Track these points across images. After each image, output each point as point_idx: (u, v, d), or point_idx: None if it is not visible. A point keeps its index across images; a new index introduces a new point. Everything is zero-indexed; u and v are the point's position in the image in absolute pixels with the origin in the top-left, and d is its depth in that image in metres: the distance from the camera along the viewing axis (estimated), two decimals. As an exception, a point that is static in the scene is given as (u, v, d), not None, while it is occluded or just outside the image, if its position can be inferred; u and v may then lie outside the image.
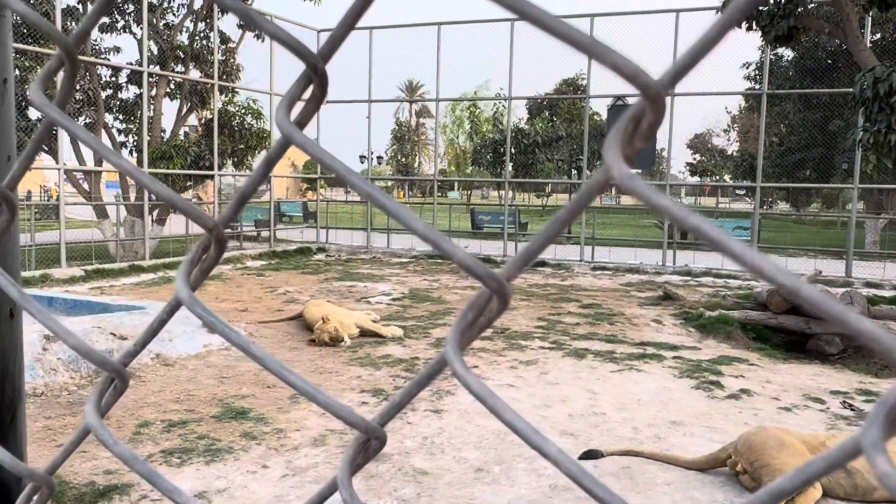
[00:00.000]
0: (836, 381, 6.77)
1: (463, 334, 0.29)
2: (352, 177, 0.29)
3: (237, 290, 11.71)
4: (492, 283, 0.27)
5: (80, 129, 0.38)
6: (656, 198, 0.21)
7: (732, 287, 12.96)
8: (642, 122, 0.23)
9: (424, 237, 0.28)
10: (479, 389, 0.27)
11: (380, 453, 2.04)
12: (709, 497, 4.18)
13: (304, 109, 0.32)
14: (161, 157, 15.47)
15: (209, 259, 0.35)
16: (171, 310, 0.37)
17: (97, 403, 0.40)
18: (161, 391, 6.00)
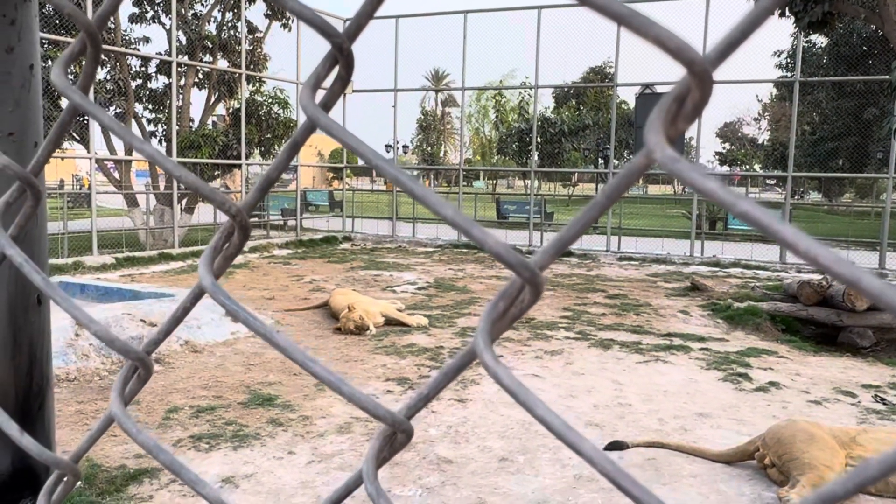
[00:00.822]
0: (868, 375, 6.64)
1: (493, 325, 0.28)
2: (379, 161, 0.28)
3: (264, 279, 11.83)
4: (524, 272, 0.26)
5: (104, 114, 0.37)
6: (703, 181, 0.20)
7: (761, 278, 12.77)
8: (687, 102, 0.21)
9: (454, 223, 0.27)
10: (511, 383, 0.26)
11: None
12: (736, 490, 4.13)
13: (329, 91, 0.31)
14: (189, 147, 15.63)
15: (232, 246, 0.34)
16: (195, 297, 0.37)
17: (121, 392, 0.40)
18: (189, 377, 6.08)
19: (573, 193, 43.92)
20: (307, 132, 0.32)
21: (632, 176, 0.24)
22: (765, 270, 14.06)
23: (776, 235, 0.20)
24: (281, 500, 3.96)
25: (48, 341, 0.63)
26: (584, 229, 0.26)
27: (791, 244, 0.19)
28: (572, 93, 38.19)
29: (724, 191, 0.20)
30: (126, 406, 0.39)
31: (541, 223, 18.71)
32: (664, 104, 0.22)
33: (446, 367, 0.30)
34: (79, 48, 0.37)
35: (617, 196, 0.24)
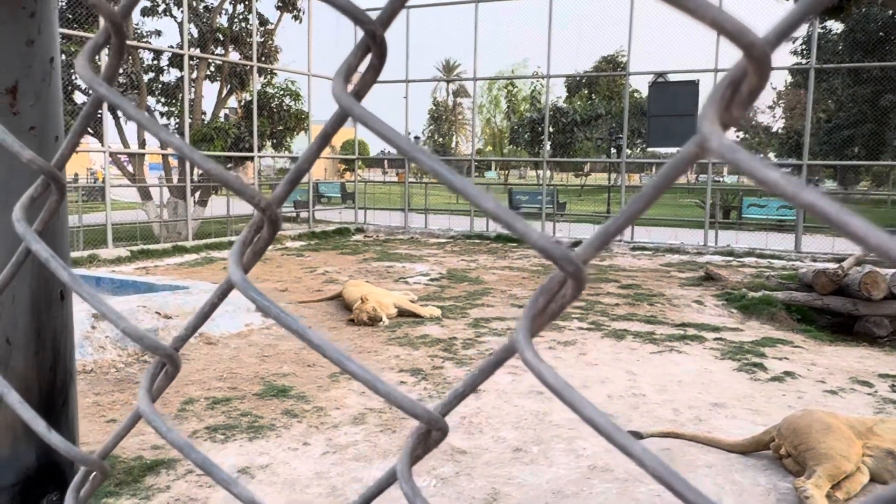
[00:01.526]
0: (885, 364, 6.58)
1: (534, 321, 0.27)
2: (416, 153, 0.28)
3: (277, 271, 11.87)
4: (568, 265, 0.26)
5: (129, 105, 0.37)
6: (764, 171, 0.19)
7: (776, 267, 12.68)
8: (742, 87, 0.21)
9: (496, 216, 0.26)
10: (555, 382, 0.25)
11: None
12: (751, 480, 4.12)
13: (361, 80, 0.31)
14: (202, 140, 15.69)
15: (261, 240, 0.34)
16: (223, 293, 0.36)
17: (149, 389, 0.40)
18: (205, 369, 6.12)
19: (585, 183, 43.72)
20: (339, 122, 0.32)
21: (681, 166, 0.23)
22: (779, 259, 13.95)
23: (844, 228, 0.19)
24: (296, 491, 3.99)
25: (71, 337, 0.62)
26: (630, 221, 0.25)
27: (861, 238, 0.18)
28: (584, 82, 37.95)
29: (787, 181, 0.19)
30: (154, 403, 0.39)
31: (553, 213, 18.65)
32: (718, 90, 0.21)
33: (484, 364, 0.30)
34: (102, 39, 0.37)
35: (665, 187, 0.24)
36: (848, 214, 0.18)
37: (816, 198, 0.19)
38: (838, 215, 0.18)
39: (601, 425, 0.25)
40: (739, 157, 0.20)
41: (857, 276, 7.94)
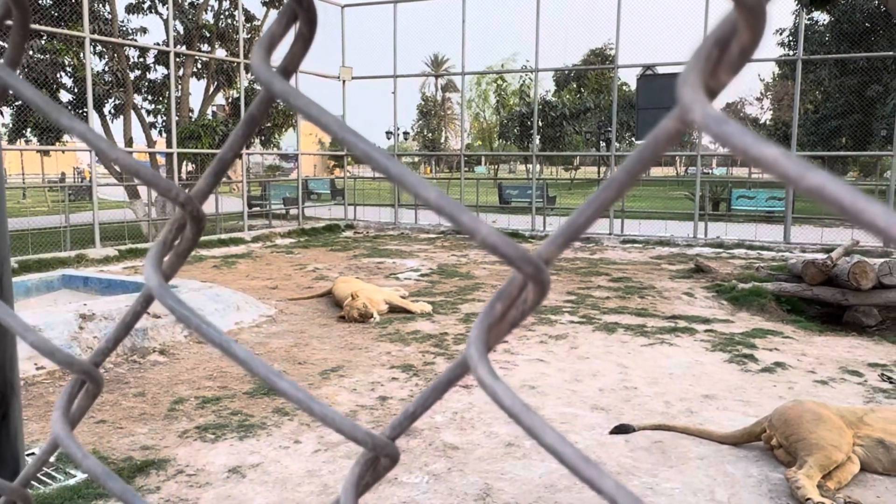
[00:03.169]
0: (875, 354, 6.61)
1: (490, 331, 0.24)
2: (347, 134, 0.25)
3: (267, 268, 11.81)
4: (526, 267, 0.23)
5: (28, 88, 0.34)
6: (759, 147, 0.16)
7: (766, 258, 12.72)
8: (732, 46, 0.17)
9: (439, 209, 0.23)
10: (513, 404, 0.22)
11: (411, 428, 2.01)
12: (743, 472, 4.12)
13: (288, 54, 0.28)
14: (189, 137, 15.58)
15: (185, 241, 0.31)
16: (145, 302, 0.33)
17: (66, 410, 0.37)
18: (194, 368, 6.07)
19: (575, 177, 43.73)
20: (265, 103, 0.29)
21: (659, 145, 0.20)
22: (769, 251, 14.00)
23: (860, 216, 0.16)
24: (288, 489, 3.96)
25: (12, 346, 0.59)
26: (599, 212, 0.22)
27: (882, 228, 0.15)
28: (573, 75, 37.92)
29: (789, 160, 0.16)
30: (74, 427, 0.36)
31: (543, 207, 18.64)
32: (703, 50, 0.18)
33: (436, 383, 0.27)
34: (2, 12, 0.33)
35: (640, 171, 0.21)
36: (865, 200, 0.15)
37: (826, 180, 0.16)
38: (854, 202, 0.15)
39: (565, 455, 0.22)
40: (728, 131, 0.17)
41: (846, 266, 7.97)
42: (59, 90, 15.60)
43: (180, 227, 0.30)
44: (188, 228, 0.30)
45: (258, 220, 19.02)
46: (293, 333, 7.28)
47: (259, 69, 0.26)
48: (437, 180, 39.40)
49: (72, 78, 15.47)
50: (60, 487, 3.90)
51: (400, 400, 5.31)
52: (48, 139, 15.05)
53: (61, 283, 9.02)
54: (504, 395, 0.22)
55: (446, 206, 0.23)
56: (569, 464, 0.22)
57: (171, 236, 0.31)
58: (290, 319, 7.94)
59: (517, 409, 0.22)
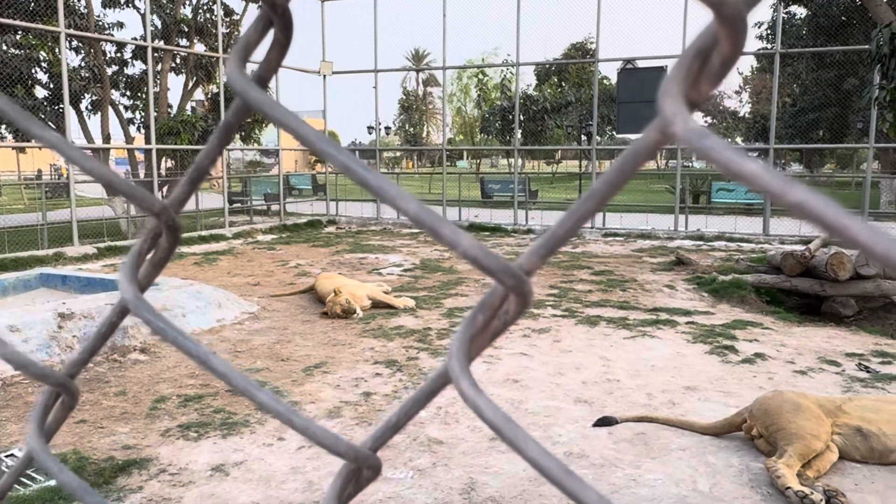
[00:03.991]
0: (852, 344, 6.71)
1: (471, 342, 0.24)
2: (324, 144, 0.25)
3: (248, 265, 11.74)
4: (508, 279, 0.23)
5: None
6: (741, 163, 0.16)
7: (745, 250, 12.85)
8: (713, 57, 0.17)
9: (418, 221, 0.23)
10: (495, 418, 0.22)
11: None
12: (724, 462, 4.16)
13: (264, 61, 0.27)
14: (169, 133, 15.42)
15: (161, 250, 0.30)
16: (120, 313, 0.33)
17: (41, 423, 0.36)
18: (176, 366, 6.03)
19: (557, 171, 43.84)
20: (241, 112, 0.28)
21: (639, 157, 0.20)
22: (748, 243, 14.14)
23: (844, 233, 0.16)
24: (272, 487, 3.94)
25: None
26: (580, 223, 0.22)
27: (865, 245, 0.15)
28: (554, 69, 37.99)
29: (771, 176, 0.16)
30: (49, 440, 0.35)
31: (525, 201, 18.68)
32: (684, 62, 0.18)
33: (417, 394, 0.27)
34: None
35: (621, 182, 0.20)
36: (847, 217, 0.15)
37: (808, 196, 0.16)
38: (837, 218, 0.15)
39: (549, 469, 0.22)
40: (709, 145, 0.17)
41: (824, 257, 8.07)
42: (34, 86, 15.37)
43: (156, 236, 0.30)
44: (164, 238, 0.30)
45: (239, 216, 18.88)
46: (276, 330, 7.25)
47: (234, 79, 0.26)
48: (419, 175, 39.30)
49: (47, 74, 15.24)
50: (41, 488, 3.85)
51: (384, 395, 5.31)
52: (24, 136, 14.83)
53: (39, 281, 8.90)
54: (486, 408, 0.22)
55: (426, 219, 0.23)
56: (552, 477, 0.22)
57: (146, 246, 0.30)
58: (272, 316, 7.90)
59: (499, 422, 0.22)
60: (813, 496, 3.57)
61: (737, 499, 3.74)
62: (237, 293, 8.72)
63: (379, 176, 0.23)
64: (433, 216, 0.22)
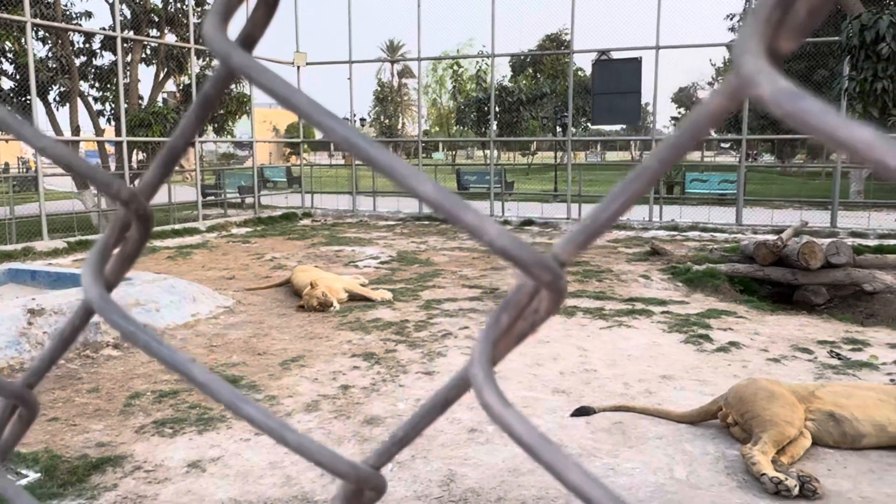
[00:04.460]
0: (824, 331, 6.82)
1: (495, 346, 0.22)
2: (322, 117, 0.22)
3: (223, 258, 11.60)
4: (542, 273, 0.20)
5: None
6: (849, 129, 0.14)
7: (719, 240, 12.99)
8: (798, 5, 0.15)
9: (436, 204, 0.20)
10: (528, 436, 0.20)
11: (374, 416, 1.99)
12: (700, 449, 4.21)
13: (249, 21, 0.25)
14: (140, 125, 15.17)
15: (131, 243, 0.27)
16: (84, 315, 0.30)
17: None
18: (150, 362, 5.94)
19: (532, 162, 43.91)
20: (222, 80, 0.26)
21: (701, 128, 0.17)
22: (722, 233, 14.30)
23: None
24: (249, 482, 3.91)
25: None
26: (627, 207, 0.20)
27: None
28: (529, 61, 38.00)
29: (887, 144, 0.14)
30: (4, 459, 0.32)
31: (501, 193, 18.69)
32: (762, 12, 0.15)
33: (428, 405, 0.24)
34: None
35: (676, 158, 0.18)
36: None
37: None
38: None
39: (594, 498, 0.20)
40: (805, 108, 0.14)
41: (796, 246, 8.19)
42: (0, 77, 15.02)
43: (124, 227, 0.27)
44: (134, 229, 0.27)
45: (213, 209, 18.65)
46: (252, 324, 7.18)
47: (213, 39, 0.23)
48: (395, 167, 39.16)
49: (13, 64, 14.89)
50: (12, 488, 3.77)
51: (362, 388, 5.28)
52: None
53: (7, 277, 8.71)
54: (517, 424, 0.20)
55: (446, 203, 0.20)
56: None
57: (113, 239, 0.27)
58: (248, 310, 7.82)
59: (534, 441, 0.20)
60: (787, 482, 3.62)
61: (713, 486, 3.77)
62: (212, 287, 8.61)
63: (387, 152, 0.20)
64: (454, 200, 0.20)
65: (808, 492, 3.61)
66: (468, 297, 8.31)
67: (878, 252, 10.49)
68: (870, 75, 7.42)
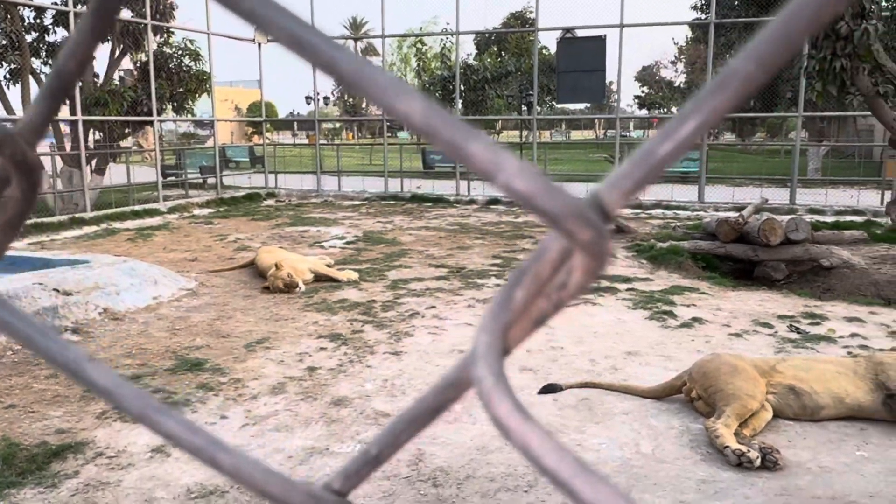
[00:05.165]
0: (783, 306, 6.96)
1: (506, 334, 0.15)
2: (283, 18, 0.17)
3: (185, 240, 11.39)
4: (580, 229, 0.14)
5: None
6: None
7: (682, 218, 13.16)
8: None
9: (427, 129, 0.15)
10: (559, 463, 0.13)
11: (341, 397, 1.95)
12: (665, 424, 4.27)
13: None
14: (96, 104, 14.72)
15: (13, 204, 0.22)
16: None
17: None
18: (111, 346, 5.82)
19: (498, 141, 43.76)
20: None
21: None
22: (685, 210, 14.49)
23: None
24: (216, 466, 3.85)
25: None
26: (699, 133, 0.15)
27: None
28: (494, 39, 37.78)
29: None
30: None
31: (468, 172, 18.64)
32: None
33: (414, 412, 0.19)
34: None
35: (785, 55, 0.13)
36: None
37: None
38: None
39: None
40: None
41: (757, 223, 8.32)
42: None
43: (3, 182, 0.21)
44: (14, 183, 0.21)
45: (174, 189, 18.26)
46: (215, 306, 7.07)
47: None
48: (360, 146, 38.78)
49: None
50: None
51: (329, 370, 5.24)
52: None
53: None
54: (542, 446, 0.13)
55: (441, 127, 0.14)
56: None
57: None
58: (211, 292, 7.69)
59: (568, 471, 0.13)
60: (750, 454, 3.70)
61: (678, 459, 3.84)
62: (174, 269, 8.45)
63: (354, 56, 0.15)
64: (454, 124, 0.15)
65: (770, 463, 3.69)
66: (435, 277, 8.29)
67: (834, 228, 10.75)
68: (829, 53, 7.51)
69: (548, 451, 0.16)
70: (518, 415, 0.17)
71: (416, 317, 6.58)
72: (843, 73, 7.64)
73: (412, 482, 3.66)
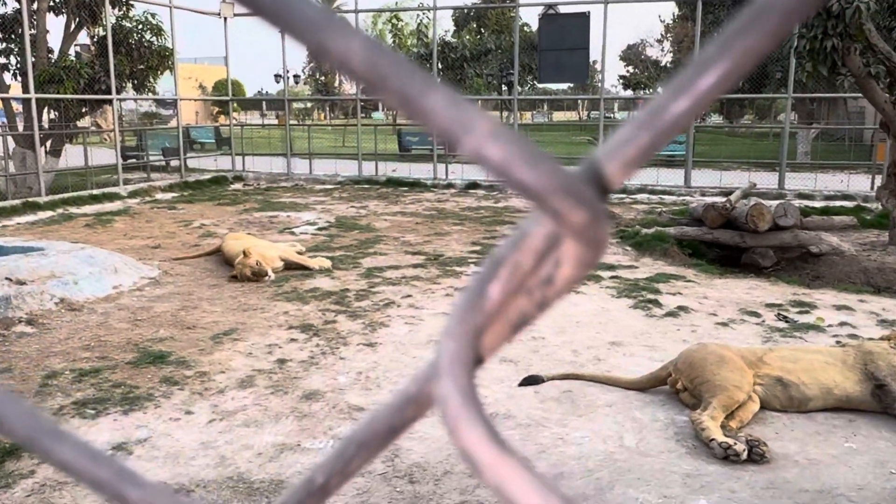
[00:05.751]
0: (771, 294, 6.83)
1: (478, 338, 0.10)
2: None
3: (147, 226, 11.01)
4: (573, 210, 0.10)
5: None
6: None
7: (667, 203, 13.04)
8: None
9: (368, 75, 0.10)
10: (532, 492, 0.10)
11: (313, 391, 1.64)
12: (650, 416, 4.14)
13: None
14: (50, 81, 14.10)
15: None
16: None
17: None
18: (69, 339, 5.53)
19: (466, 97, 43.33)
20: None
21: None
22: (670, 195, 14.35)
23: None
24: (180, 464, 3.65)
25: None
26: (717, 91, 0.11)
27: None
28: (473, 15, 37.30)
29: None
30: None
31: (445, 154, 18.36)
32: None
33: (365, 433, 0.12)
34: None
35: None
36: None
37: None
38: None
39: None
40: None
41: (745, 208, 8.15)
42: None
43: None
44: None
45: (135, 173, 17.72)
46: (180, 296, 6.77)
47: None
48: (332, 127, 38.25)
49: None
50: None
51: (300, 362, 5.01)
52: None
53: None
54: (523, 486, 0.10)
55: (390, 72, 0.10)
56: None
57: None
58: (176, 281, 7.39)
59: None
60: (736, 446, 3.60)
61: (663, 452, 3.71)
62: (135, 257, 8.13)
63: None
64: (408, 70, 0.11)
65: (757, 455, 3.61)
66: (411, 265, 8.06)
67: (824, 214, 10.68)
68: (819, 32, 7.35)
69: (528, 492, 0.13)
70: (491, 445, 0.13)
71: (391, 306, 6.36)
72: (835, 52, 7.49)
73: (388, 478, 3.49)
